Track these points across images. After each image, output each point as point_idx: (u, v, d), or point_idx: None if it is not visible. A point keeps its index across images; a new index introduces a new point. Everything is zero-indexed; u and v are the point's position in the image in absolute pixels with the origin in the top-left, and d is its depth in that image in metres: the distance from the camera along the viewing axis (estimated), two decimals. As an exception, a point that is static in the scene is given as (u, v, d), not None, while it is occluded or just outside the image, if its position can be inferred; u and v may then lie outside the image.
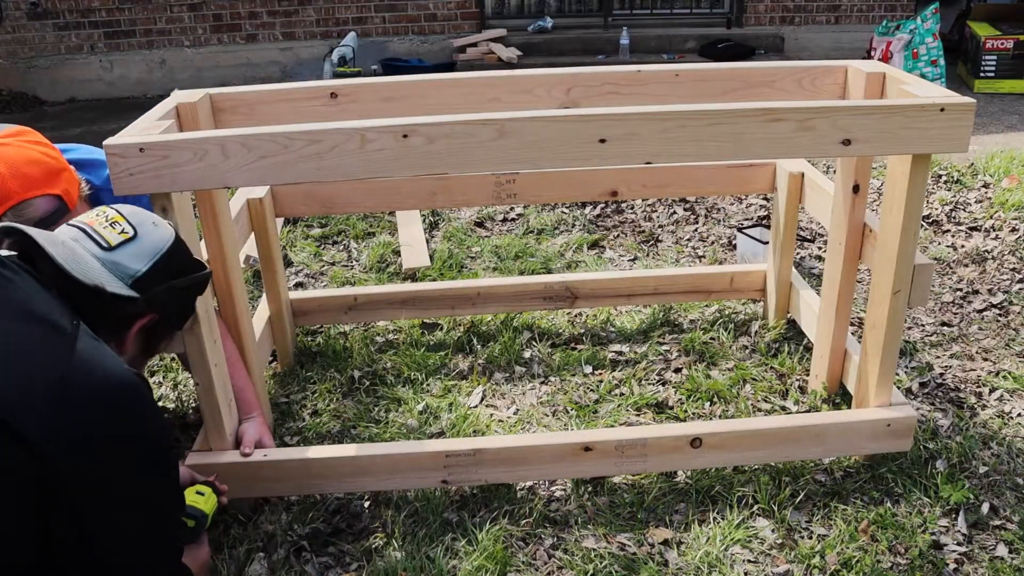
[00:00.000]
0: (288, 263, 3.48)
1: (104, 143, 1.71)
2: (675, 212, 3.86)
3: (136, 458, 1.35)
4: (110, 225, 1.49)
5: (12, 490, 1.22)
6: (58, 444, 1.23)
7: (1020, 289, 3.09)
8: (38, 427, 1.22)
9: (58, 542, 1.29)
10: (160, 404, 2.56)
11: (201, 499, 1.83)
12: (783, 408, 2.46)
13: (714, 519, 2.06)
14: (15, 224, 1.45)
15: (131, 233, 1.49)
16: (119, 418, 1.32)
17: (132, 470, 1.34)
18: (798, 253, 3.42)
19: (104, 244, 1.46)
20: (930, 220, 3.69)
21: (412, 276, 3.33)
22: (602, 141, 1.75)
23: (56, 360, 1.29)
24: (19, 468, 1.21)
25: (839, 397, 2.44)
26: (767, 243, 2.97)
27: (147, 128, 1.81)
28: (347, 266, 3.50)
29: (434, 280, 3.25)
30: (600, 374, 2.64)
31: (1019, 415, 2.42)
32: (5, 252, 1.43)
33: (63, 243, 1.44)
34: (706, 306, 3.01)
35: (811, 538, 2.01)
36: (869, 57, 6.28)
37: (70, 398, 1.26)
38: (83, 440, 1.26)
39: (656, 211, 3.88)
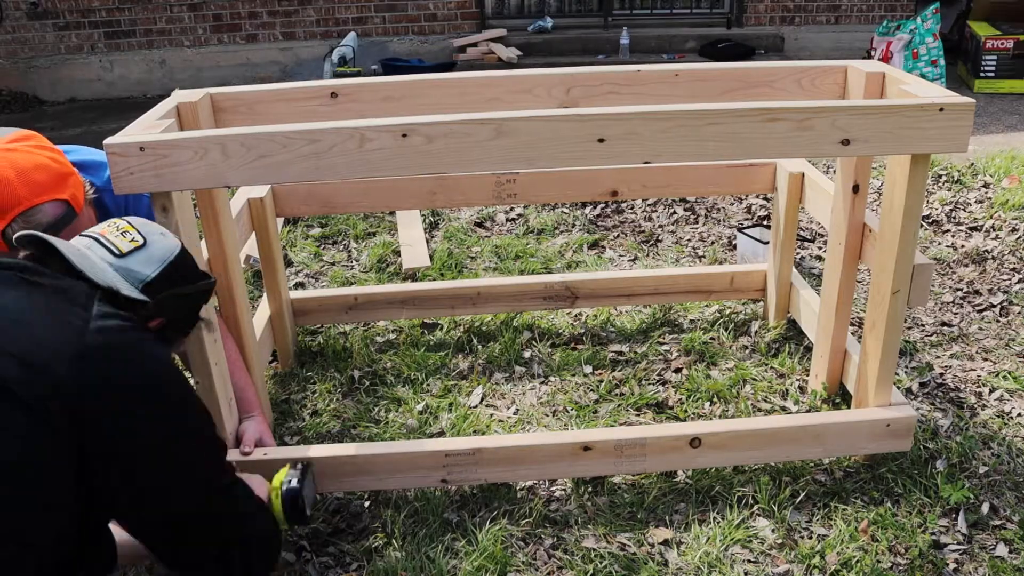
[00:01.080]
0: (288, 263, 3.48)
1: (105, 142, 1.71)
2: (675, 212, 3.86)
3: (165, 399, 1.44)
4: (121, 234, 1.57)
5: (49, 445, 1.27)
6: (92, 394, 1.31)
7: (1020, 289, 3.09)
8: (71, 377, 1.30)
9: (98, 502, 1.36)
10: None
11: None
12: (783, 408, 2.46)
13: (714, 519, 2.06)
14: (34, 232, 1.51)
15: (141, 241, 1.57)
16: (145, 369, 1.42)
17: (162, 409, 1.43)
18: (798, 253, 3.42)
19: (116, 251, 1.53)
20: (930, 220, 3.69)
21: (412, 276, 3.33)
22: (601, 141, 1.75)
23: (83, 322, 1.38)
24: (55, 420, 1.27)
25: (839, 397, 2.44)
26: (767, 243, 2.97)
27: (148, 127, 1.81)
28: (347, 266, 3.50)
29: (434, 280, 3.25)
30: (600, 374, 2.64)
31: (1019, 415, 2.42)
32: (23, 256, 1.50)
33: (78, 250, 1.51)
34: (706, 306, 3.01)
35: (811, 538, 2.01)
36: (869, 57, 6.28)
37: (100, 353, 1.35)
38: (115, 389, 1.35)
39: (656, 211, 3.88)
